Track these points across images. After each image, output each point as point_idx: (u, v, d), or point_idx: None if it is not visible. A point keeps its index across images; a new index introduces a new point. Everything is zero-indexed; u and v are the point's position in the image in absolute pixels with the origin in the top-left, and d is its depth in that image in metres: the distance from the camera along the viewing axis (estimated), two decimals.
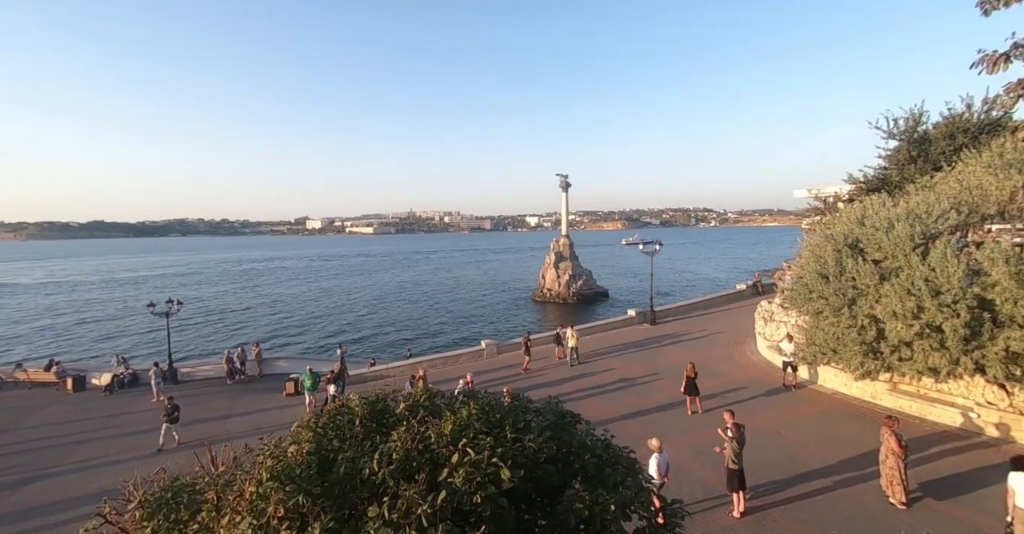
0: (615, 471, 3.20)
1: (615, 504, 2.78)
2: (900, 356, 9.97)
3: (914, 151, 17.73)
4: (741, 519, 8.21)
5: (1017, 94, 5.96)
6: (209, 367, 21.57)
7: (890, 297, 9.69)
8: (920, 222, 10.43)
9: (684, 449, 10.33)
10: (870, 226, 11.15)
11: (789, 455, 10.30)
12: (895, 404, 12.11)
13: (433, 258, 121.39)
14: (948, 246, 9.48)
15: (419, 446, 2.98)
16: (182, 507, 2.65)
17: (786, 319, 15.89)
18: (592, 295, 46.41)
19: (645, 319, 24.54)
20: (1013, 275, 8.44)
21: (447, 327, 39.22)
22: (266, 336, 36.94)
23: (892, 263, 10.40)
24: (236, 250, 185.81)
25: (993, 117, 15.94)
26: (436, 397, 3.69)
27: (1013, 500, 6.41)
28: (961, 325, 8.76)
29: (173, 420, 13.44)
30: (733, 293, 30.47)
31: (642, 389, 15.26)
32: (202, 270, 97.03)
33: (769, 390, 14.17)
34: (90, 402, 18.05)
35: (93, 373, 20.62)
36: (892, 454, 8.09)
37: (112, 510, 2.68)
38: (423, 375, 16.00)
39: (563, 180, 47.01)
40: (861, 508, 8.25)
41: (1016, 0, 5.27)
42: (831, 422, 11.80)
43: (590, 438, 3.49)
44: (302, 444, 2.96)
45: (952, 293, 8.93)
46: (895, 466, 8.09)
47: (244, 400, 17.79)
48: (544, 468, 3.12)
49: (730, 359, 17.39)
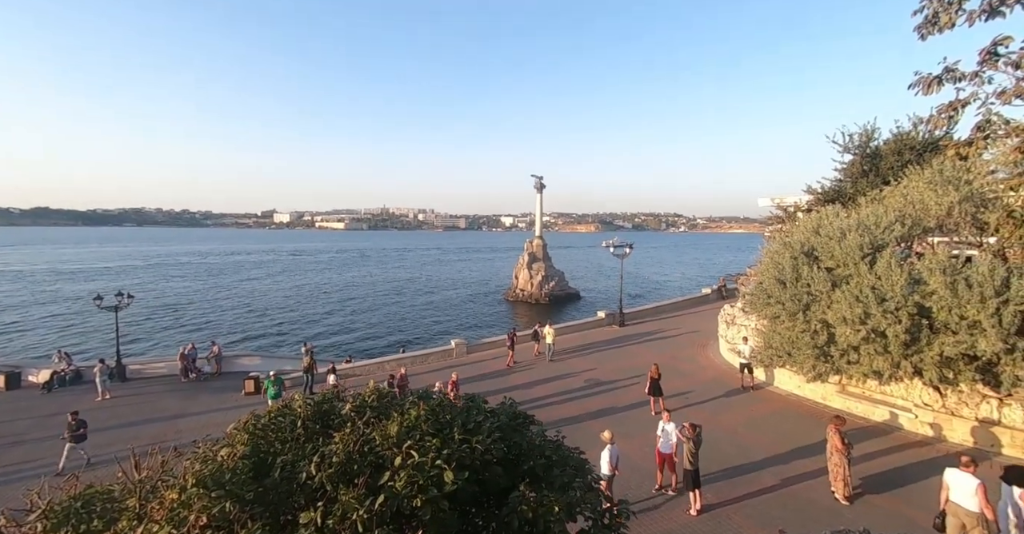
0: (563, 472, 3.19)
1: (559, 505, 2.77)
2: (848, 359, 10.47)
3: (866, 165, 18.72)
4: (698, 516, 8.44)
5: (948, 115, 6.36)
6: (162, 364, 20.47)
7: (840, 303, 10.16)
8: (869, 233, 10.98)
9: (646, 448, 10.52)
10: (824, 235, 11.67)
11: (746, 454, 10.67)
12: (844, 405, 12.75)
13: (406, 256, 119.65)
14: (893, 256, 10.03)
15: (363, 448, 2.89)
16: (95, 517, 2.45)
17: (747, 323, 16.47)
18: (564, 296, 46.84)
19: (614, 321, 24.93)
20: (948, 285, 9.01)
21: (416, 325, 38.72)
22: (227, 333, 35.47)
23: (843, 271, 10.92)
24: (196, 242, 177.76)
25: (935, 136, 17.04)
26: (385, 397, 3.59)
27: (947, 494, 6.82)
28: (902, 331, 9.28)
29: (77, 438, 11.61)
30: (699, 297, 31.37)
31: (608, 389, 15.49)
32: (160, 263, 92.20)
33: (729, 391, 14.65)
34: (25, 401, 16.81)
35: (30, 370, 19.21)
36: (836, 451, 8.53)
37: (11, 522, 2.44)
38: (402, 374, 15.60)
39: (538, 181, 47.24)
40: (808, 504, 8.63)
41: (948, 27, 5.63)
42: (785, 422, 12.30)
43: (540, 439, 3.48)
44: (236, 447, 2.80)
45: (895, 300, 9.45)
46: (839, 463, 8.53)
47: (199, 399, 16.99)
48: (492, 470, 3.08)
49: (694, 361, 17.88)
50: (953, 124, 6.78)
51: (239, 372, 19.45)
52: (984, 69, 6.20)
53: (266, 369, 20.15)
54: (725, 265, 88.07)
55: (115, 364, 19.00)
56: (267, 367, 20.43)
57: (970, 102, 6.32)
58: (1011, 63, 6.08)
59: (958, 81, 6.11)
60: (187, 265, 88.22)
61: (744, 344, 14.95)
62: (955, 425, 10.67)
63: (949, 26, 5.74)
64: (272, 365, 20.70)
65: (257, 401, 16.16)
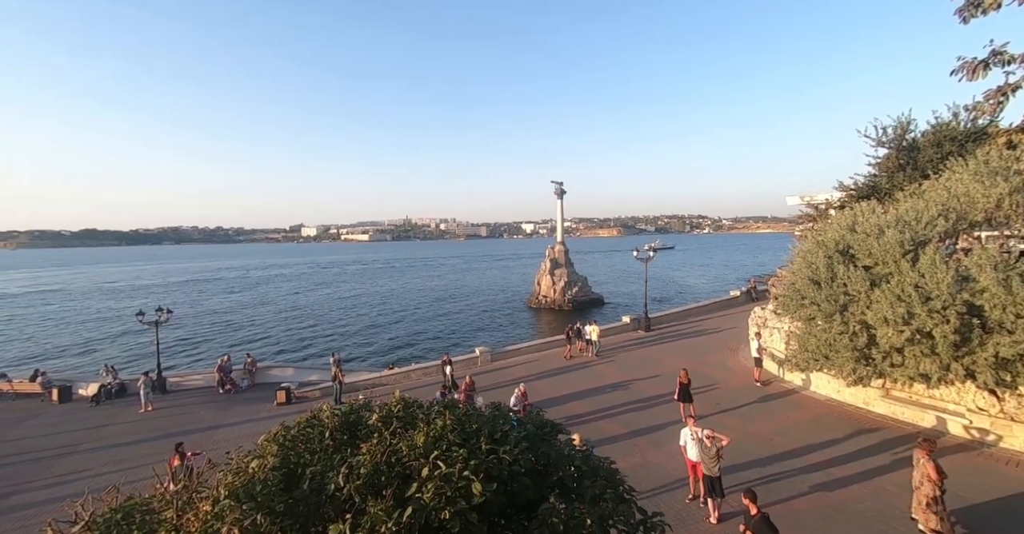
0: (594, 483, 3.10)
1: (591, 518, 2.69)
2: (892, 362, 9.91)
3: (903, 159, 17.86)
4: (718, 525, 8.13)
5: (997, 100, 5.99)
6: (199, 377, 21.25)
7: (881, 303, 9.66)
8: (909, 229, 10.44)
9: (677, 456, 10.19)
10: (860, 232, 11.15)
11: (781, 462, 10.21)
12: (888, 410, 12.06)
13: (430, 265, 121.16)
14: (937, 252, 9.49)
15: (390, 459, 2.88)
16: (134, 528, 2.53)
17: (779, 326, 15.86)
18: (587, 301, 46.32)
19: (640, 326, 24.46)
20: (1001, 281, 8.44)
21: (437, 334, 38.96)
22: (262, 345, 36.56)
23: (882, 269, 10.40)
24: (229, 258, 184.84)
25: (979, 125, 16.14)
26: (412, 407, 3.58)
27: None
28: (951, 331, 8.73)
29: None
30: (727, 299, 30.49)
31: (635, 395, 15.15)
32: (196, 278, 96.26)
33: (762, 397, 14.10)
34: (76, 413, 17.70)
35: (80, 383, 20.27)
36: (928, 481, 7.34)
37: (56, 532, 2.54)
38: (469, 383, 14.88)
39: (558, 187, 47.15)
40: (856, 517, 8.14)
41: (993, 8, 5.30)
42: (823, 429, 11.72)
43: (569, 449, 3.39)
44: (267, 458, 2.84)
45: (942, 299, 8.91)
46: (930, 493, 7.30)
47: (233, 410, 17.51)
48: (520, 481, 3.02)
49: (724, 365, 17.31)
50: (1001, 110, 6.39)
51: (272, 383, 19.97)
52: None
53: (298, 380, 20.63)
54: (753, 266, 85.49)
55: (156, 377, 19.83)
56: (299, 378, 20.94)
57: (1021, 86, 5.93)
58: None
59: (1007, 64, 5.72)
60: (224, 280, 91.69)
61: (756, 340, 15.27)
62: (1015, 431, 9.92)
63: (995, 7, 5.41)
64: (304, 376, 21.21)
65: (289, 412, 16.55)
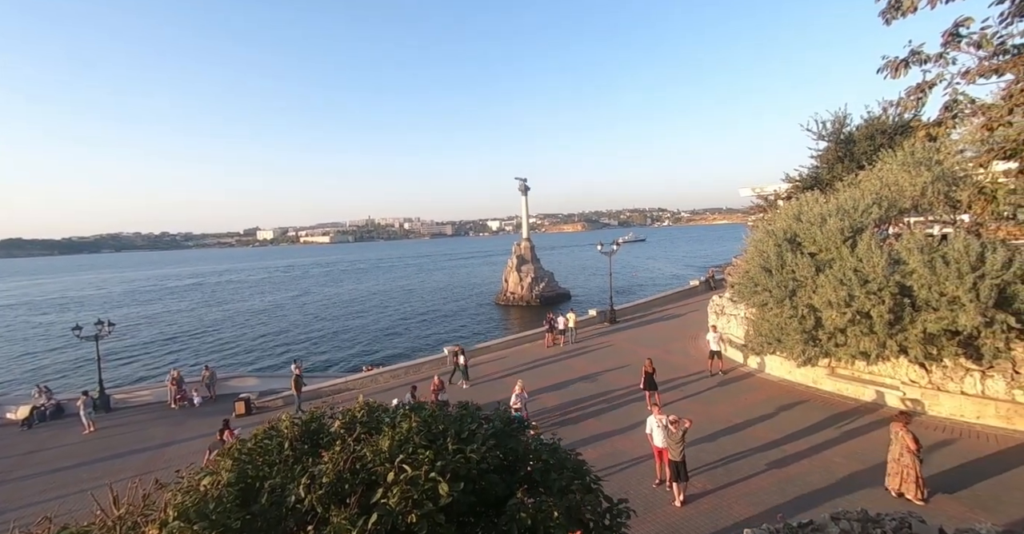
0: (561, 475, 3.14)
1: (559, 510, 2.72)
2: (836, 342, 10.64)
3: (840, 151, 19.14)
4: (682, 508, 8.50)
5: (917, 96, 6.52)
6: (147, 392, 19.91)
7: (825, 287, 10.34)
8: (848, 217, 11.21)
9: (644, 443, 10.52)
10: (805, 221, 11.87)
11: (742, 441, 10.74)
12: (834, 387, 12.93)
13: (396, 266, 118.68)
14: (872, 238, 10.25)
15: (354, 466, 2.80)
16: None
17: (736, 312, 16.65)
18: (555, 296, 46.85)
19: (606, 318, 25.01)
20: (927, 263, 9.22)
21: (408, 334, 38.35)
22: (215, 356, 34.66)
23: (826, 255, 11.12)
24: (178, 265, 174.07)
25: (905, 119, 17.51)
26: (377, 411, 3.50)
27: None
28: (886, 311, 9.46)
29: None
30: (687, 289, 31.65)
31: (602, 385, 15.49)
32: (140, 288, 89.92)
33: (722, 381, 14.78)
34: (4, 438, 16.18)
35: (8, 407, 18.50)
36: (907, 452, 7.88)
37: None
38: (437, 383, 14.72)
39: (522, 184, 47.27)
40: (805, 487, 8.69)
41: (911, 11, 5.78)
42: (777, 408, 12.42)
43: (536, 443, 3.42)
44: (221, 474, 2.70)
45: (877, 281, 9.63)
46: (911, 464, 7.87)
47: (188, 425, 16.51)
48: (488, 478, 3.01)
49: (686, 353, 18.00)
50: (922, 106, 6.95)
51: (232, 394, 18.99)
52: (948, 50, 6.37)
53: (260, 389, 19.73)
54: (711, 256, 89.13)
55: (98, 395, 18.42)
56: (262, 387, 20.02)
57: (936, 83, 6.48)
58: (973, 43, 6.26)
59: (924, 63, 6.26)
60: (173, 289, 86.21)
61: (712, 332, 15.79)
62: (942, 399, 10.89)
63: (912, 10, 5.88)
64: (267, 385, 20.30)
65: (249, 423, 15.80)
